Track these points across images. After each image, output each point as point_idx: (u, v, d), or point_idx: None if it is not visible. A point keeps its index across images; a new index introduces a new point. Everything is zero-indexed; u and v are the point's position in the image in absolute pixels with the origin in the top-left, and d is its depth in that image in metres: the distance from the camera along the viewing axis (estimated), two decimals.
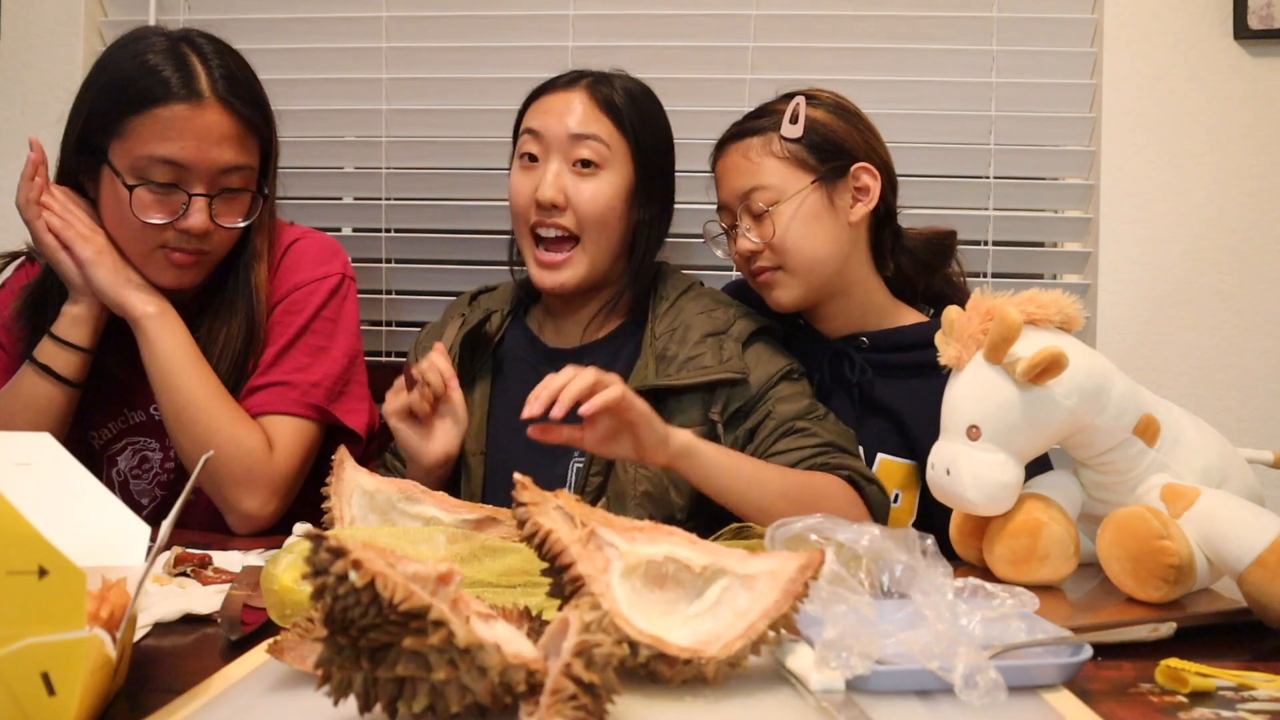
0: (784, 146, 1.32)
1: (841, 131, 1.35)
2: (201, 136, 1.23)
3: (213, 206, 1.25)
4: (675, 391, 1.27)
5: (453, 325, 1.40)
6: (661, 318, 1.34)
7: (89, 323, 1.28)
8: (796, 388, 1.30)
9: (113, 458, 1.39)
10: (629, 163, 1.32)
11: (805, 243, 1.32)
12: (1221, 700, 0.72)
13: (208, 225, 1.25)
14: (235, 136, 1.26)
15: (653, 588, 0.75)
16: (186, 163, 1.23)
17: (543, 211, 1.30)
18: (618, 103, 1.32)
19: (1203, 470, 1.02)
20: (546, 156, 1.31)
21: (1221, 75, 1.77)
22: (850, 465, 1.22)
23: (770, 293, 1.36)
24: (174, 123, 1.22)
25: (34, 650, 0.57)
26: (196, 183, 1.24)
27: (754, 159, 1.33)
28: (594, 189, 1.30)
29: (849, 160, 1.34)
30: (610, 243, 1.33)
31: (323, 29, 1.88)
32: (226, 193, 1.26)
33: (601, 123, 1.31)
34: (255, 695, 0.70)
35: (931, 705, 0.70)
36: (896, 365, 1.35)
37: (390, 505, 0.98)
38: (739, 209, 1.34)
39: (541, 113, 1.34)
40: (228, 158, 1.25)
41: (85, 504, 0.82)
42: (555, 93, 1.35)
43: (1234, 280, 1.78)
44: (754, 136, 1.34)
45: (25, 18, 1.88)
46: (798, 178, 1.32)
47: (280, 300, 1.34)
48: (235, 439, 1.25)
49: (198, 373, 1.26)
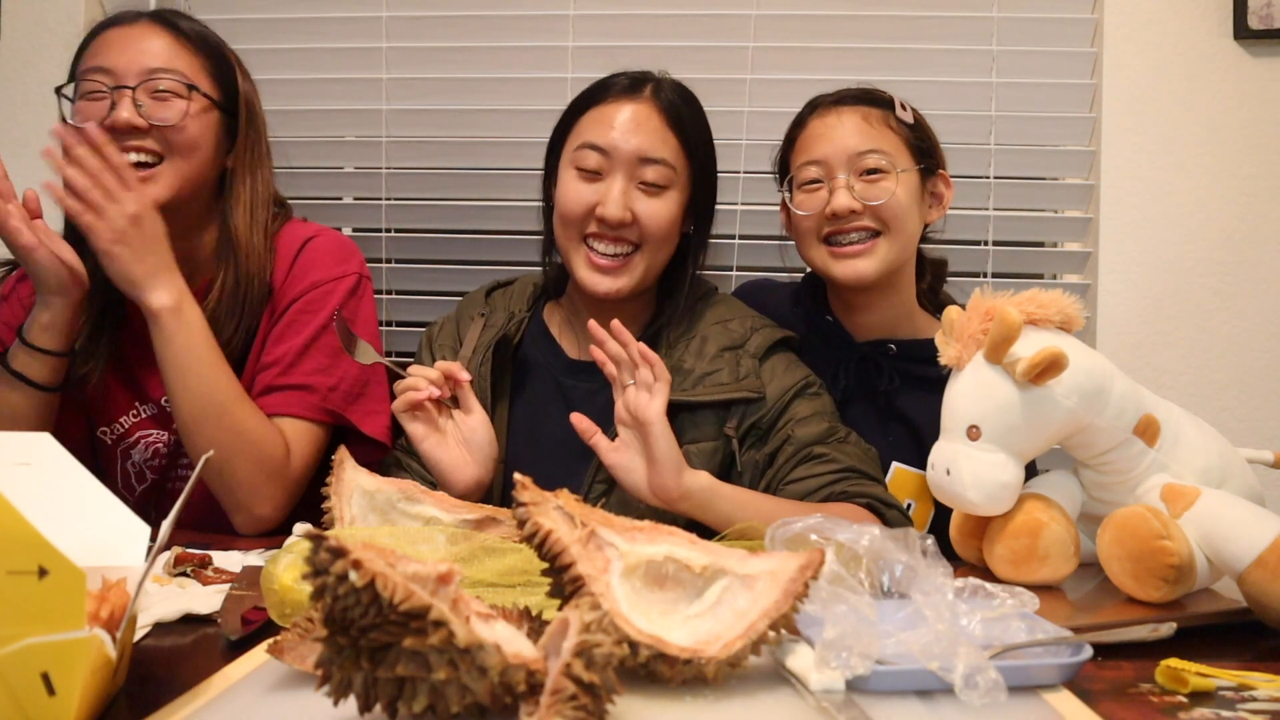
0: (900, 126, 1.36)
1: (930, 138, 1.40)
2: (128, 43, 1.27)
3: (140, 105, 1.26)
4: (690, 406, 1.26)
5: (473, 326, 1.37)
6: (677, 326, 1.33)
7: (60, 329, 1.25)
8: (815, 405, 1.28)
9: (126, 451, 1.38)
10: (688, 182, 1.31)
11: (907, 218, 1.35)
12: (1221, 700, 0.72)
13: (133, 116, 1.25)
14: (167, 46, 1.29)
15: (653, 588, 0.75)
16: (113, 67, 1.26)
17: (605, 226, 1.27)
18: (683, 117, 1.30)
19: (1203, 470, 1.03)
20: (611, 171, 1.27)
21: (1221, 75, 1.77)
22: (869, 492, 1.21)
23: (855, 262, 1.34)
24: (110, 39, 1.28)
25: (34, 650, 0.57)
26: (123, 83, 1.26)
27: (875, 125, 1.35)
28: (659, 208, 1.27)
29: (937, 165, 1.39)
30: (665, 255, 1.32)
31: (323, 29, 1.89)
32: (156, 94, 1.27)
33: (669, 144, 1.28)
34: (255, 695, 0.70)
35: (931, 705, 0.70)
36: (921, 377, 1.34)
37: (390, 505, 0.98)
38: (847, 168, 1.33)
39: (604, 126, 1.27)
40: (155, 61, 1.27)
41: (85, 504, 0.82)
42: (616, 102, 1.29)
43: (1234, 280, 1.78)
44: (873, 107, 1.36)
45: (25, 18, 1.88)
46: (908, 158, 1.36)
47: (297, 298, 1.33)
48: (257, 443, 1.24)
49: (217, 371, 1.24)
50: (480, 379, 1.30)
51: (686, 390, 1.26)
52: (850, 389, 1.38)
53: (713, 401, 1.26)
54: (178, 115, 1.27)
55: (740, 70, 1.83)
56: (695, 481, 1.13)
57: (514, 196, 1.87)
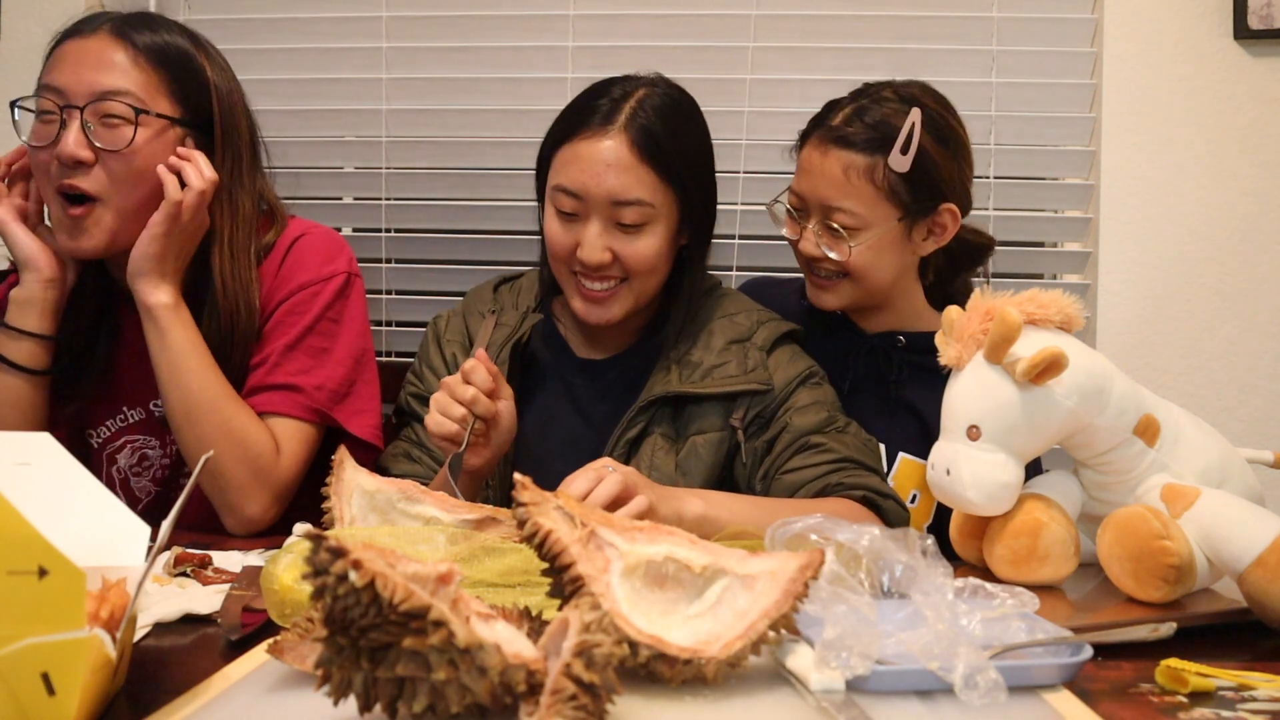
0: (886, 177, 1.29)
1: (944, 169, 1.32)
2: (82, 59, 1.21)
3: (89, 130, 1.20)
4: (698, 399, 1.26)
5: (484, 324, 1.35)
6: (683, 320, 1.32)
7: (35, 305, 1.24)
8: (815, 395, 1.28)
9: (113, 455, 1.38)
10: (675, 208, 1.26)
11: (872, 268, 1.33)
12: (1221, 700, 0.72)
13: (78, 149, 1.18)
14: (120, 64, 1.22)
15: (653, 588, 0.75)
16: (64, 86, 1.20)
17: (587, 267, 1.25)
18: (660, 145, 1.22)
19: (1203, 470, 1.03)
20: (587, 215, 1.23)
21: (1221, 75, 1.77)
22: (865, 483, 1.20)
23: (820, 294, 1.37)
24: (66, 53, 1.22)
25: (34, 650, 0.57)
26: (72, 103, 1.20)
27: (853, 180, 1.29)
28: (641, 245, 1.24)
29: (940, 200, 1.33)
30: (659, 278, 1.30)
31: (323, 29, 1.88)
32: (107, 119, 1.20)
33: (644, 182, 1.21)
34: (255, 695, 0.70)
35: (931, 705, 0.70)
36: (930, 369, 1.34)
37: (390, 505, 0.98)
38: (816, 214, 1.33)
39: (575, 169, 1.22)
40: (106, 81, 1.20)
41: (85, 504, 0.82)
42: (588, 139, 1.22)
43: (1234, 280, 1.78)
44: (859, 154, 1.29)
45: (25, 18, 1.88)
46: (887, 213, 1.31)
47: (285, 299, 1.32)
48: (245, 441, 1.23)
49: (209, 368, 1.24)
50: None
51: (695, 383, 1.27)
52: (858, 379, 1.39)
53: (720, 394, 1.26)
54: (125, 142, 1.20)
55: (740, 70, 1.83)
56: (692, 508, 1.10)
57: (514, 196, 1.87)
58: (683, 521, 1.07)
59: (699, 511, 1.09)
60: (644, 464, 1.24)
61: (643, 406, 1.26)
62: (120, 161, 1.21)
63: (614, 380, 1.34)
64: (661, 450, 1.26)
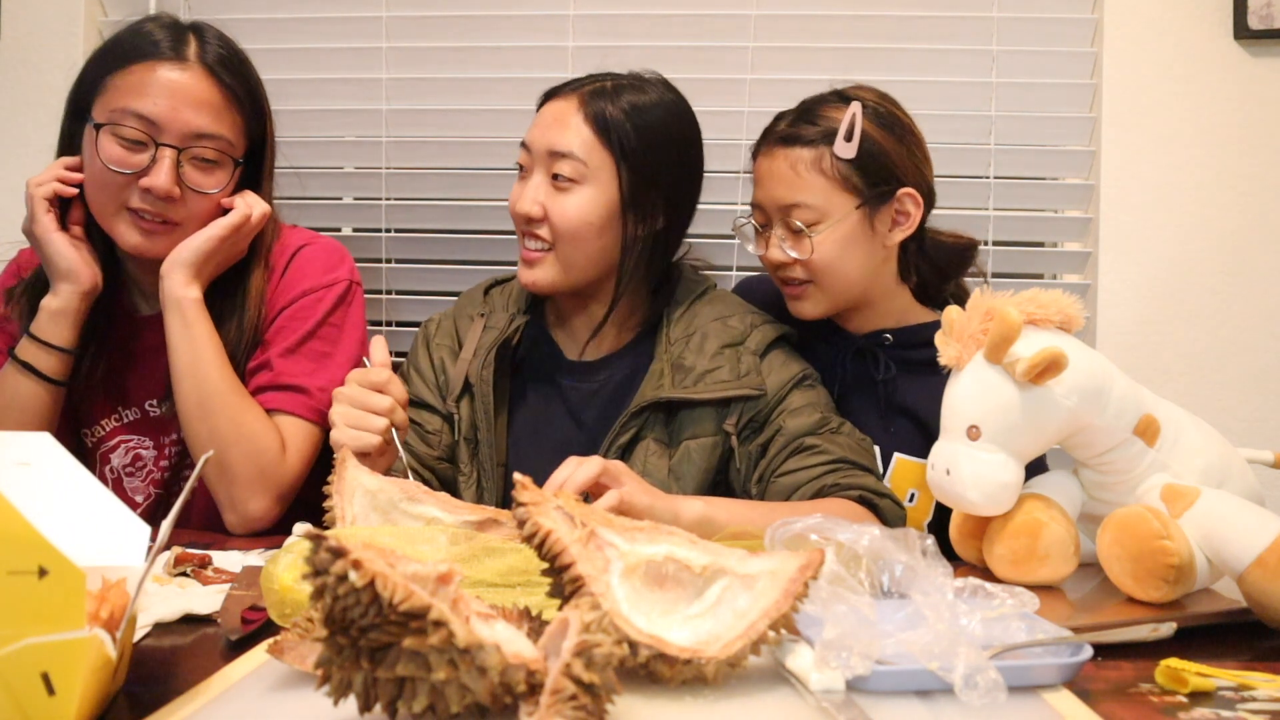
0: (835, 165, 1.29)
1: (893, 153, 1.31)
2: (177, 96, 1.22)
3: (181, 168, 1.23)
4: (691, 404, 1.26)
5: (473, 327, 1.36)
6: (676, 323, 1.33)
7: (69, 317, 1.26)
8: (809, 397, 1.28)
9: (106, 455, 1.38)
10: (613, 178, 1.27)
11: (839, 265, 1.31)
12: (1221, 700, 0.72)
13: (171, 186, 1.22)
14: (215, 105, 1.25)
15: (653, 588, 0.75)
16: (158, 119, 1.21)
17: (523, 222, 1.29)
18: (609, 116, 1.26)
19: (1203, 470, 1.02)
20: (532, 168, 1.30)
21: (1221, 75, 1.77)
22: (860, 483, 1.20)
23: (796, 304, 1.37)
24: (152, 80, 1.22)
25: (34, 650, 0.57)
26: (166, 141, 1.22)
27: (802, 174, 1.29)
28: (568, 203, 1.26)
29: (896, 185, 1.31)
30: (586, 255, 1.28)
31: (323, 29, 1.88)
32: (199, 161, 1.25)
33: (582, 139, 1.26)
34: (255, 695, 0.70)
35: (931, 705, 0.70)
36: (920, 362, 1.34)
37: (392, 505, 0.98)
38: (776, 218, 1.33)
39: (535, 124, 1.31)
40: (203, 123, 1.24)
41: (85, 504, 0.82)
42: (553, 100, 1.31)
43: (1234, 280, 1.78)
44: (804, 148, 1.30)
45: (25, 18, 1.88)
46: (843, 201, 1.30)
47: (286, 306, 1.34)
48: (255, 436, 1.24)
49: (224, 362, 1.26)
50: (482, 383, 1.30)
51: (688, 388, 1.26)
52: (849, 382, 1.38)
53: (714, 399, 1.26)
54: (216, 185, 1.27)
55: (740, 70, 1.83)
56: (692, 510, 1.10)
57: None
58: (681, 523, 1.07)
59: (698, 512, 1.10)
60: (637, 468, 1.24)
61: (635, 411, 1.26)
62: (204, 201, 1.27)
63: (605, 383, 1.33)
64: (655, 455, 1.26)
